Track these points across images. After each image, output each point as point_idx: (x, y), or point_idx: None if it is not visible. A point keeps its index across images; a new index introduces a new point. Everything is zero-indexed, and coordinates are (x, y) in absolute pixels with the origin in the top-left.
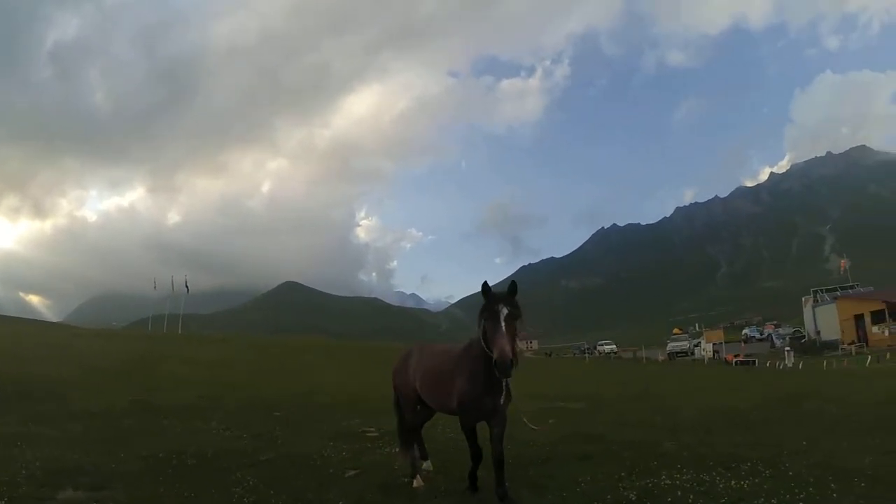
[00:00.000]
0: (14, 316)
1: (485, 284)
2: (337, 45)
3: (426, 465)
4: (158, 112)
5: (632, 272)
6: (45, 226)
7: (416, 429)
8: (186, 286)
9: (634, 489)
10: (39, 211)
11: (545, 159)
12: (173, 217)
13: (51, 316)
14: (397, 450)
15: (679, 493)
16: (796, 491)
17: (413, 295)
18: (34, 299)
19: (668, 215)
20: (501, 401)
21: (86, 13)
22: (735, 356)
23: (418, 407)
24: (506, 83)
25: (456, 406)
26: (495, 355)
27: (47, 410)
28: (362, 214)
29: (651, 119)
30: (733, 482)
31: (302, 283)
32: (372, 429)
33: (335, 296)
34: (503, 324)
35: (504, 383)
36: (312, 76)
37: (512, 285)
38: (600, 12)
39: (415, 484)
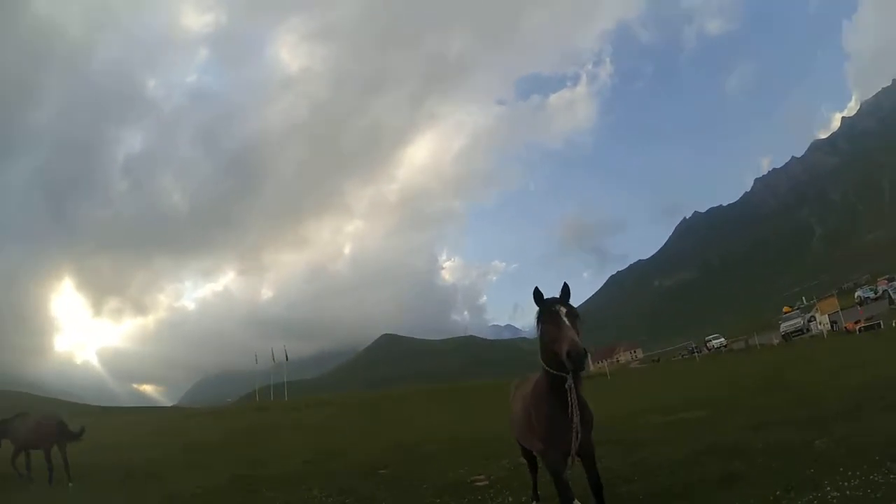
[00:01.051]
0: (129, 406)
1: (536, 290)
2: (383, 104)
3: None
4: (233, 200)
5: (724, 257)
6: (148, 321)
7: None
8: (286, 355)
9: None
10: (140, 308)
11: (610, 163)
12: (266, 293)
13: (165, 401)
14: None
15: None
16: None
17: (508, 326)
18: (147, 388)
19: (748, 190)
20: (576, 423)
21: (148, 125)
22: (856, 323)
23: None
24: (554, 97)
25: (539, 445)
26: (568, 345)
27: (146, 494)
28: (444, 257)
29: (707, 95)
30: None
31: (398, 333)
32: (481, 476)
33: (431, 340)
34: (566, 320)
35: (577, 402)
36: (368, 137)
37: (564, 288)
38: (626, 2)
39: None
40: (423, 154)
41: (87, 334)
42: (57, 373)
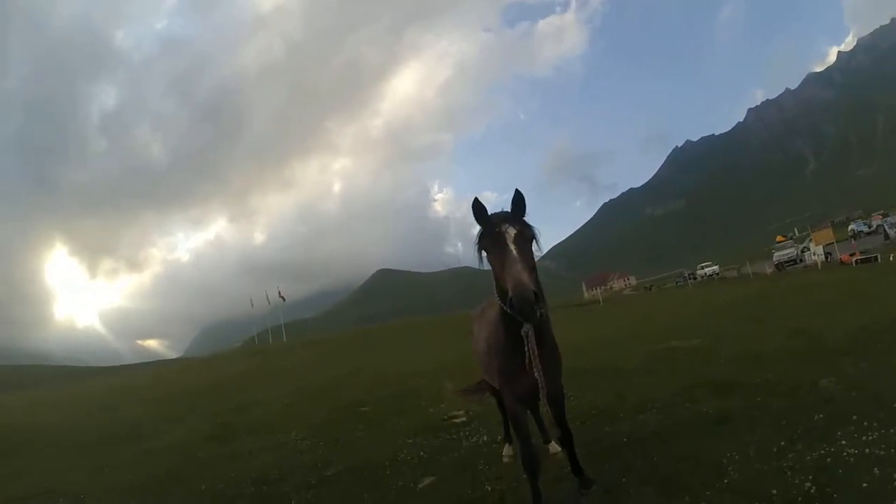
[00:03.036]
0: (131, 363)
1: (476, 203)
2: (361, 38)
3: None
4: (214, 147)
5: (715, 186)
6: (144, 277)
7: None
8: (281, 296)
9: (807, 471)
10: (135, 265)
11: (600, 91)
12: (258, 237)
13: (171, 354)
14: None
15: (876, 471)
16: None
17: None
18: (152, 343)
19: (741, 120)
20: (538, 367)
21: (120, 78)
22: (851, 255)
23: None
24: (542, 24)
25: (497, 381)
26: (510, 289)
27: (126, 452)
28: (435, 189)
29: (700, 22)
30: None
31: (392, 267)
32: (459, 412)
33: (426, 273)
34: (513, 248)
35: (535, 351)
36: (348, 73)
37: (517, 197)
38: None
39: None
40: (406, 87)
41: (86, 297)
42: (60, 340)
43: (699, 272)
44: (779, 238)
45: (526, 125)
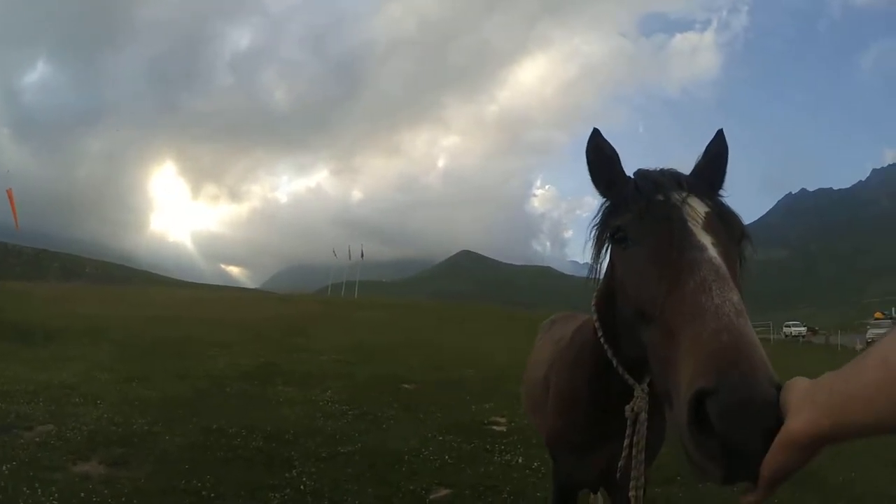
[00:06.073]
0: (212, 284)
1: (595, 136)
2: (495, 22)
3: None
4: (333, 103)
5: (823, 243)
6: (242, 208)
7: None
8: (362, 253)
9: None
10: (235, 196)
11: (725, 119)
12: (356, 195)
13: (250, 284)
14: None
15: None
16: None
17: (587, 264)
18: (234, 270)
19: (864, 178)
20: (639, 464)
21: (255, 23)
22: None
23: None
24: (679, 38)
25: (545, 434)
26: (710, 365)
27: (165, 367)
28: (538, 184)
29: (840, 68)
30: None
31: (477, 251)
32: (502, 419)
33: (508, 264)
34: (710, 245)
35: (644, 426)
36: (475, 54)
37: (717, 146)
38: None
39: None
40: (529, 78)
41: (183, 216)
42: (150, 248)
43: (785, 329)
44: (877, 314)
45: (643, 139)
